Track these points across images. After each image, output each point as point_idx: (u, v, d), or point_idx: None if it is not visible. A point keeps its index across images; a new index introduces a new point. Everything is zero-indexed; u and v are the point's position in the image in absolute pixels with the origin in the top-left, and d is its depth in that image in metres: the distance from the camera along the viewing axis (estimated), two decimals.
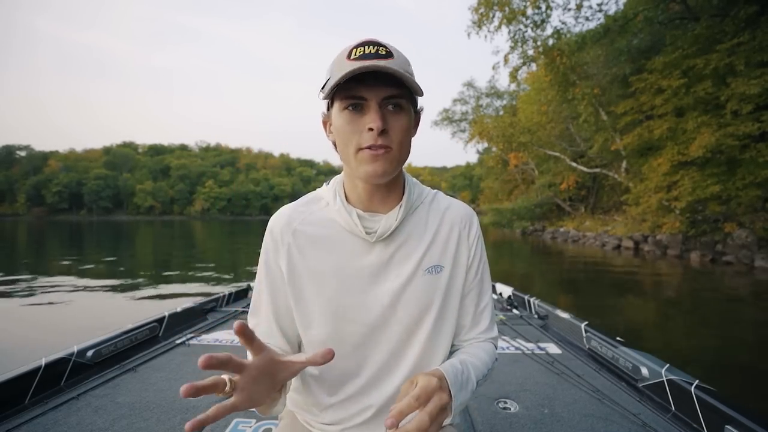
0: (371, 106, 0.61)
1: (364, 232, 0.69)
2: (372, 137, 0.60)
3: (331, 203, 0.73)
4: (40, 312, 4.78)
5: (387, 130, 0.61)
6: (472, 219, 0.78)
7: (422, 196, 0.77)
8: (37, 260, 10.54)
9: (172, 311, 2.37)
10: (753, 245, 9.51)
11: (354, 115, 0.62)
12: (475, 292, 0.78)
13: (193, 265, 9.90)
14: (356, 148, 0.62)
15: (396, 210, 0.70)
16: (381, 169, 0.62)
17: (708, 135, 9.92)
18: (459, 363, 0.66)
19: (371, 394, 0.73)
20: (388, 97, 0.61)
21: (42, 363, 1.50)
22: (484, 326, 0.79)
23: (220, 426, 1.31)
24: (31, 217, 75.31)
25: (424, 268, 0.71)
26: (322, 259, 0.70)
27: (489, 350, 0.77)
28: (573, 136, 21.12)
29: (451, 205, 0.78)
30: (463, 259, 0.75)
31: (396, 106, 0.62)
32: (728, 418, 1.19)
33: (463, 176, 65.25)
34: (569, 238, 17.50)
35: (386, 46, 0.62)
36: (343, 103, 0.62)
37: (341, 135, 0.64)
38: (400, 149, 0.64)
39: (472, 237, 0.77)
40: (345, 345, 0.71)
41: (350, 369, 0.72)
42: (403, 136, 0.64)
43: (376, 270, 0.70)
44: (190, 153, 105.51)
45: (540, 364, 1.87)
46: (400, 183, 0.73)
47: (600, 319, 4.36)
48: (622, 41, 14.25)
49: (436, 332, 0.73)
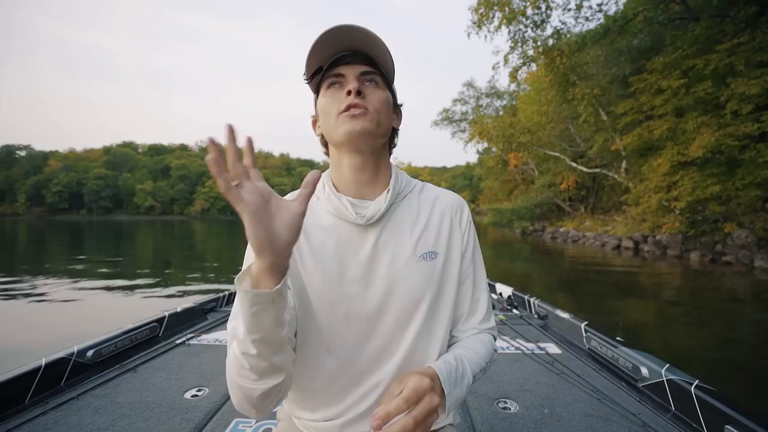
0: (349, 78, 0.66)
1: (354, 214, 0.69)
2: (349, 100, 0.65)
3: (321, 195, 0.74)
4: (40, 312, 4.78)
5: (363, 95, 0.66)
6: (462, 206, 0.79)
7: (410, 185, 0.78)
8: (37, 260, 10.53)
9: (172, 311, 2.38)
10: (753, 245, 9.51)
11: (335, 90, 0.68)
12: (470, 279, 0.78)
13: (193, 264, 9.90)
14: (337, 114, 0.66)
15: (384, 195, 0.72)
16: (359, 125, 0.65)
17: (708, 135, 9.91)
18: (453, 359, 0.66)
19: (365, 384, 0.72)
20: (365, 73, 0.67)
21: (42, 363, 1.50)
22: (481, 315, 0.79)
23: (220, 426, 1.31)
24: (31, 216, 75.33)
25: (418, 255, 0.71)
26: (316, 249, 0.70)
27: (487, 342, 0.77)
28: (573, 136, 21.12)
29: (440, 194, 0.79)
30: (456, 246, 0.76)
31: (371, 81, 0.68)
32: (728, 418, 1.19)
33: (462, 176, 65.29)
34: (569, 238, 17.50)
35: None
36: (326, 85, 0.68)
37: (325, 111, 0.68)
38: (378, 114, 0.67)
39: (464, 224, 0.77)
40: (342, 332, 0.70)
41: (346, 358, 0.71)
42: (380, 103, 0.67)
43: (369, 256, 0.70)
44: (190, 153, 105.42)
45: (540, 364, 1.87)
46: (387, 170, 0.75)
47: (600, 319, 4.36)
48: (622, 41, 14.24)
49: (431, 321, 0.72)
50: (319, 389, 0.73)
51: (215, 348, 2.07)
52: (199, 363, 1.84)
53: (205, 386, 1.59)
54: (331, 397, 0.73)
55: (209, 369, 1.77)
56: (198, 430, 1.28)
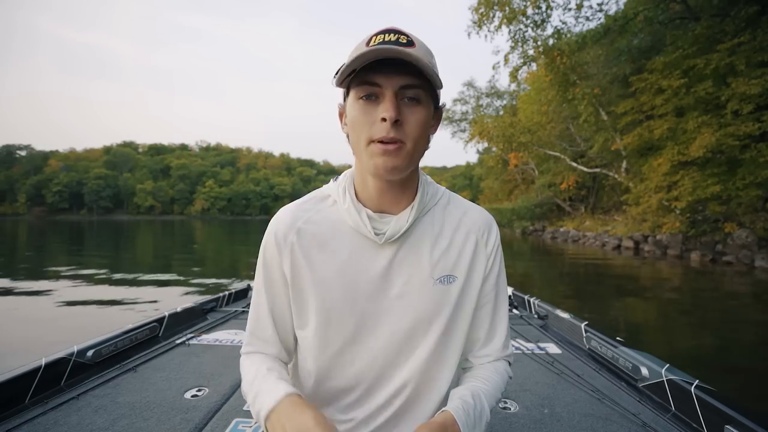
0: (386, 95, 0.57)
1: (373, 232, 0.65)
2: (384, 128, 0.56)
3: (339, 201, 0.69)
4: (40, 312, 4.78)
5: (401, 122, 0.57)
6: (491, 227, 0.73)
7: (436, 196, 0.72)
8: (37, 260, 10.53)
9: (172, 311, 2.37)
10: (753, 245, 9.50)
11: (368, 104, 0.58)
12: (490, 305, 0.73)
13: (193, 264, 9.91)
14: (367, 140, 0.58)
15: (407, 211, 0.66)
16: (391, 164, 0.58)
17: (708, 135, 9.90)
18: (471, 396, 0.63)
19: (371, 402, 0.70)
20: (405, 87, 0.57)
21: (42, 363, 1.50)
22: (499, 343, 0.74)
23: (220, 426, 1.31)
24: (32, 216, 75.32)
25: (435, 277, 0.67)
26: (327, 261, 0.67)
27: (502, 371, 0.74)
28: (573, 136, 21.12)
29: (468, 211, 0.73)
30: (479, 270, 0.71)
31: (413, 99, 0.58)
32: (728, 418, 1.18)
33: (463, 176, 65.23)
34: (569, 238, 17.50)
35: (408, 35, 0.58)
36: (357, 92, 0.59)
37: (354, 126, 0.60)
38: (415, 145, 0.59)
39: (490, 246, 0.71)
40: (351, 348, 0.68)
41: (355, 373, 0.69)
42: (418, 130, 0.59)
43: (383, 274, 0.66)
44: (191, 153, 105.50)
45: (540, 364, 1.87)
46: (414, 182, 0.68)
47: (600, 319, 4.36)
48: (623, 41, 14.24)
49: (444, 344, 0.69)
50: (326, 402, 0.72)
51: (215, 348, 2.07)
52: (199, 363, 1.84)
53: (205, 386, 1.59)
54: (338, 413, 0.71)
55: (209, 369, 1.77)
56: (198, 430, 1.28)
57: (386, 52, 0.54)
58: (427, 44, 0.62)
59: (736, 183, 9.80)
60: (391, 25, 0.60)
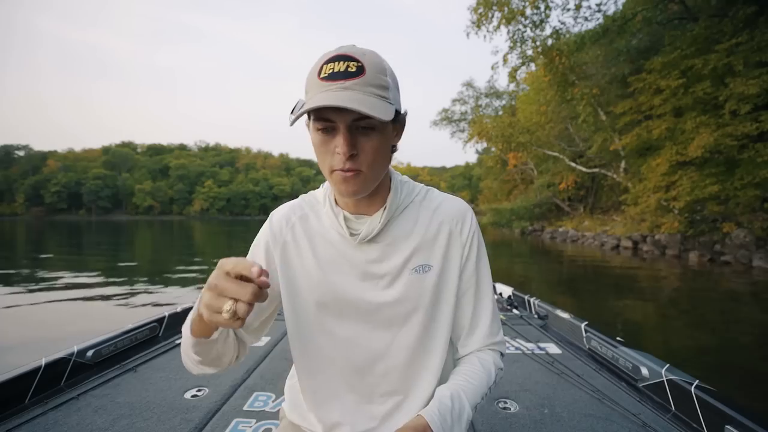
0: (340, 129, 0.59)
1: (348, 233, 0.69)
2: (340, 161, 0.60)
3: (321, 204, 0.75)
4: (40, 312, 4.77)
5: (357, 153, 0.60)
6: (465, 215, 0.74)
7: (412, 194, 0.74)
8: (36, 260, 10.51)
9: (172, 311, 2.37)
10: (751, 245, 9.53)
11: (326, 136, 0.61)
12: (471, 291, 0.74)
13: (193, 264, 9.90)
14: (330, 170, 0.62)
15: (380, 213, 0.70)
16: (352, 189, 0.62)
17: (707, 135, 9.93)
18: (449, 398, 0.65)
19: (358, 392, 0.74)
20: (358, 119, 0.58)
21: (42, 363, 1.49)
22: (484, 329, 0.75)
23: (220, 426, 1.31)
24: (30, 216, 75.15)
25: (410, 268, 0.70)
26: (313, 258, 0.72)
27: (488, 362, 0.74)
28: (572, 136, 21.15)
29: (442, 203, 0.75)
30: (455, 258, 0.72)
31: (365, 128, 0.60)
32: (728, 418, 1.19)
33: (462, 176, 65.33)
34: (568, 238, 17.53)
35: (358, 60, 0.58)
36: (315, 125, 0.61)
37: (317, 154, 0.63)
38: (371, 169, 0.62)
39: (465, 234, 0.73)
40: (336, 342, 0.72)
41: (342, 366, 0.73)
42: (373, 156, 0.61)
43: (362, 270, 0.71)
44: (189, 153, 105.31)
45: (540, 364, 1.87)
46: (385, 186, 0.71)
47: (599, 319, 4.37)
48: (621, 41, 14.27)
49: (428, 334, 0.72)
50: (314, 393, 0.76)
51: None
52: None
53: (205, 386, 1.59)
54: (324, 403, 0.75)
55: None
56: (198, 430, 1.28)
57: (329, 100, 0.55)
58: (383, 59, 0.62)
59: (734, 183, 9.82)
60: (342, 47, 0.60)
